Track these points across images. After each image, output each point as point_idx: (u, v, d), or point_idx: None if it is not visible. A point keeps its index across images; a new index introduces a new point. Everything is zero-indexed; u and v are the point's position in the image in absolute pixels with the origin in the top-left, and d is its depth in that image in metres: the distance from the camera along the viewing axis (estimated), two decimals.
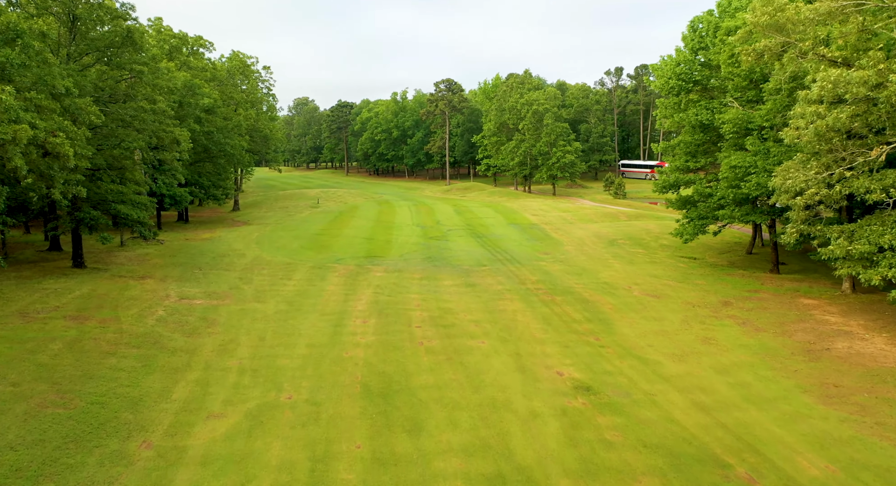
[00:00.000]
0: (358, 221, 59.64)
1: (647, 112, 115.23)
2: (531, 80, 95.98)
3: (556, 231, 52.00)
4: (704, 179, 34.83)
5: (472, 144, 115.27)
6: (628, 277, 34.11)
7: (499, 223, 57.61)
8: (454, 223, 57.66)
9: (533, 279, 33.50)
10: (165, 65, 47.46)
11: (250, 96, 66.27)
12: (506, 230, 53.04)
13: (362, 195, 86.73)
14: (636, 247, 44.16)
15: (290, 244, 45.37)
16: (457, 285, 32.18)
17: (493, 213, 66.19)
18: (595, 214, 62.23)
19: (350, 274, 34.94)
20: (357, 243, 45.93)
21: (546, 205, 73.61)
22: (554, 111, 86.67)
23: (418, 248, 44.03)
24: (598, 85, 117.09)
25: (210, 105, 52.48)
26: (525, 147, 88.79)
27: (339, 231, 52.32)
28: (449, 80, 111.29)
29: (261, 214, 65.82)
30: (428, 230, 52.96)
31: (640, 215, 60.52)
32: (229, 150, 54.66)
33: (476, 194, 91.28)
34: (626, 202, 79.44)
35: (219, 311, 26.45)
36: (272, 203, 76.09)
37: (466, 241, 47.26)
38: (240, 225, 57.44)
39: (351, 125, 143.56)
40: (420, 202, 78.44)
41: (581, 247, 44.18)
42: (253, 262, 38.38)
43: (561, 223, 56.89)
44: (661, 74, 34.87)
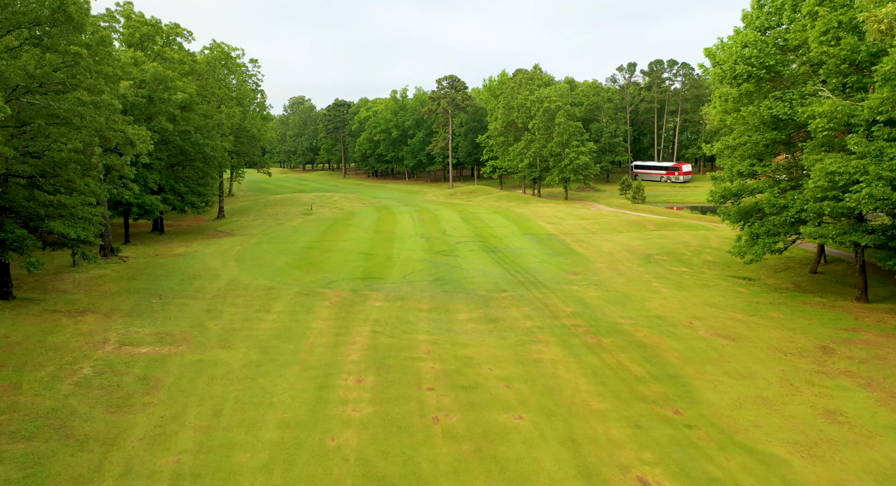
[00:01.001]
0: (354, 231, 53.35)
1: (662, 110, 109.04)
2: (541, 75, 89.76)
3: (580, 244, 45.72)
4: (776, 186, 28.46)
5: (476, 145, 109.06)
6: (683, 307, 27.84)
7: (512, 234, 51.33)
8: (462, 234, 51.39)
9: (567, 311, 27.23)
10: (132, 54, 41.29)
11: (235, 92, 59.98)
12: (522, 243, 46.77)
13: (360, 200, 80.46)
14: (678, 264, 37.90)
15: (274, 261, 39.08)
16: (474, 320, 25.91)
17: (503, 221, 59.91)
18: (618, 222, 55.96)
19: (343, 303, 28.66)
20: (353, 260, 39.64)
21: (561, 211, 67.34)
22: (567, 109, 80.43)
23: (424, 266, 37.74)
24: (610, 82, 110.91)
25: (185, 101, 46.21)
26: (535, 148, 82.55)
27: (333, 244, 46.02)
28: (452, 76, 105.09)
29: (247, 223, 59.50)
30: (434, 243, 46.67)
31: (668, 224, 54.27)
32: (209, 151, 48.38)
33: (482, 199, 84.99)
34: (647, 208, 73.24)
35: (168, 364, 20.15)
36: (261, 210, 69.75)
37: (479, 256, 40.98)
38: (222, 236, 51.13)
39: (348, 125, 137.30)
40: (422, 208, 72.16)
41: (614, 265, 37.90)
42: (228, 286, 32.08)
43: (583, 234, 50.61)
44: (721, 60, 28.60)
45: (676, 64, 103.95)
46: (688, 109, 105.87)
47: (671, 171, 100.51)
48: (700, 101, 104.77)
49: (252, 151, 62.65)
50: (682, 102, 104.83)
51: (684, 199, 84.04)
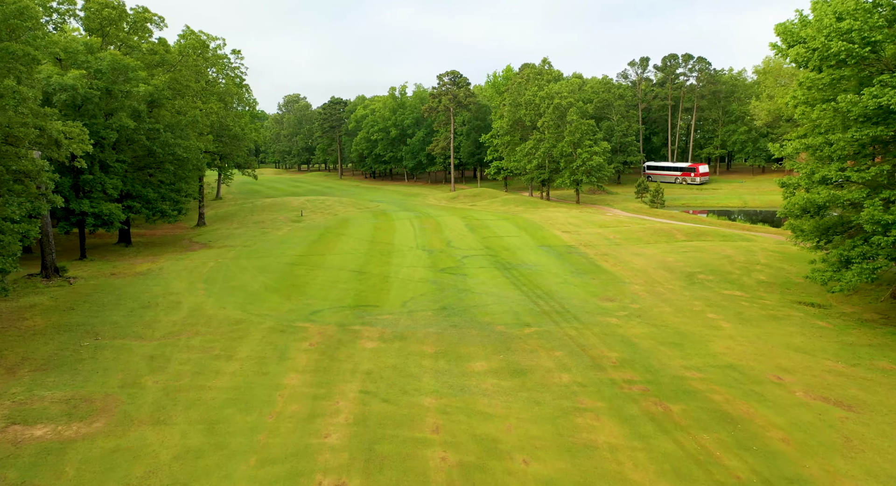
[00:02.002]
0: (347, 242, 47.33)
1: (677, 107, 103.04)
2: (550, 70, 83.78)
3: (605, 258, 39.74)
4: (876, 198, 22.38)
5: (479, 145, 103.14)
6: (759, 351, 21.86)
7: (526, 246, 45.33)
8: (469, 245, 45.39)
9: (612, 357, 21.26)
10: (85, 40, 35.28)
11: (215, 87, 53.94)
12: (538, 257, 40.78)
13: (356, 204, 74.43)
14: (728, 286, 31.91)
15: (251, 283, 33.07)
16: (495, 372, 19.95)
17: (513, 229, 53.91)
18: (642, 230, 49.97)
19: (327, 345, 22.67)
20: (343, 281, 33.62)
21: (575, 217, 61.36)
22: (579, 106, 74.44)
23: (427, 289, 31.73)
24: (621, 78, 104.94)
25: (153, 95, 40.19)
26: (545, 148, 76.54)
27: (322, 259, 40.01)
28: (454, 72, 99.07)
29: (228, 232, 53.47)
30: (437, 257, 40.67)
31: (699, 233, 48.28)
32: (180, 152, 42.33)
33: (487, 203, 78.99)
34: (667, 213, 67.29)
35: (65, 460, 14.17)
36: (246, 216, 63.71)
37: (491, 276, 34.98)
38: (196, 248, 45.10)
39: (345, 124, 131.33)
40: (423, 213, 66.15)
41: (652, 287, 31.92)
42: (187, 319, 26.09)
43: (605, 246, 44.62)
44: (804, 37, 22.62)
45: (692, 58, 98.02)
46: (703, 107, 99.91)
47: (687, 172, 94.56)
48: (716, 97, 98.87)
49: (236, 151, 56.70)
50: (697, 98, 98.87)
51: (704, 202, 78.12)
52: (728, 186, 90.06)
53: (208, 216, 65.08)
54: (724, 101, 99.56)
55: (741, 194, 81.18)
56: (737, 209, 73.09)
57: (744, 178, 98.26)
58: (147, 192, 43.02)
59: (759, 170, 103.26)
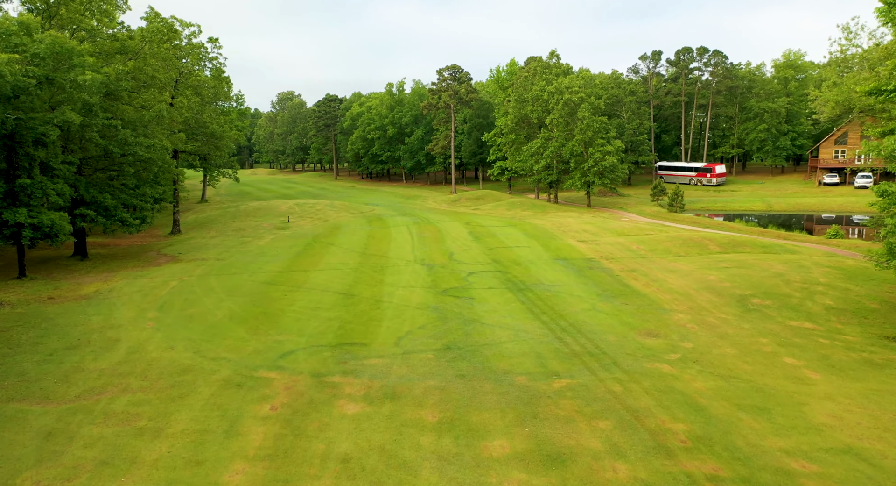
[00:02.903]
0: (336, 253, 41.65)
1: (690, 104, 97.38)
2: (559, 63, 78.11)
3: (634, 276, 34.08)
4: None
5: (481, 144, 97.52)
6: (876, 420, 16.22)
7: (539, 259, 39.67)
8: (474, 258, 39.73)
9: (679, 433, 15.60)
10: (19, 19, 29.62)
11: (189, 79, 48.18)
12: (555, 273, 35.13)
13: (349, 208, 68.72)
14: (792, 314, 26.26)
15: (214, 310, 27.38)
16: (521, 460, 14.31)
17: (523, 238, 48.25)
18: (669, 240, 44.31)
19: (293, 411, 17.02)
20: (326, 307, 27.94)
21: (589, 223, 55.72)
22: (591, 101, 68.76)
23: (427, 319, 26.06)
24: (631, 73, 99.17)
25: (106, 86, 34.48)
26: (553, 147, 70.88)
27: (304, 277, 34.32)
28: (454, 66, 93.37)
29: (203, 242, 47.74)
30: (438, 274, 35.00)
31: (735, 243, 42.63)
32: (142, 152, 36.62)
33: (491, 206, 73.31)
34: (688, 217, 61.68)
35: None
36: (228, 222, 57.99)
37: (502, 298, 29.32)
38: (163, 262, 39.40)
39: (340, 122, 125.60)
40: (422, 219, 60.47)
41: (699, 315, 26.26)
42: (119, 366, 20.43)
43: (631, 259, 38.98)
44: None
45: (707, 52, 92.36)
46: (719, 103, 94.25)
47: (703, 172, 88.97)
48: (733, 93, 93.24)
49: (213, 151, 50.99)
50: (713, 94, 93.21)
51: (725, 205, 72.49)
52: (747, 188, 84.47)
53: (186, 222, 59.37)
54: (741, 97, 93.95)
55: (763, 197, 75.59)
56: (761, 214, 67.48)
57: (762, 178, 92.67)
58: (104, 198, 37.30)
59: (778, 170, 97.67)
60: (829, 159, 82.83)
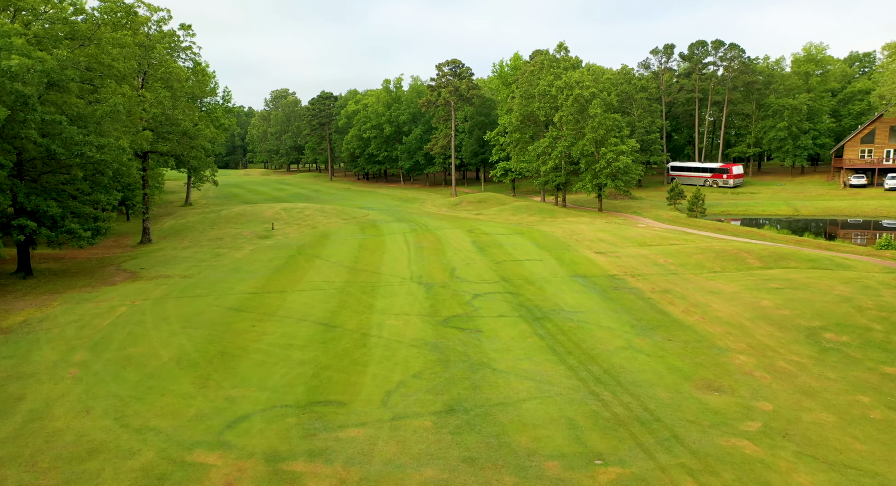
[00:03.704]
0: (321, 269, 36.38)
1: (704, 101, 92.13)
2: (567, 57, 72.82)
3: (668, 298, 28.82)
4: None
5: (483, 143, 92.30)
6: None
7: (554, 275, 34.40)
8: (480, 275, 34.47)
9: None
10: None
11: (159, 71, 42.82)
12: (576, 295, 29.86)
13: (342, 213, 63.42)
14: (886, 357, 20.96)
15: (158, 351, 22.08)
16: None
17: (533, 248, 43.00)
18: (698, 252, 39.04)
19: None
20: (300, 346, 22.66)
21: (604, 230, 50.46)
22: (603, 97, 63.49)
23: (424, 362, 20.78)
24: (642, 68, 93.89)
25: (42, 73, 29.18)
26: (562, 146, 65.62)
27: (280, 300, 29.03)
28: (455, 61, 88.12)
29: (174, 253, 42.41)
30: (438, 296, 29.70)
31: (775, 256, 37.37)
32: (92, 153, 31.31)
33: (495, 211, 68.03)
34: (711, 224, 56.44)
35: None
36: (206, 230, 52.67)
37: (517, 331, 24.05)
38: (118, 281, 34.09)
39: (335, 120, 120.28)
40: (421, 226, 55.21)
41: (768, 359, 20.97)
42: (3, 444, 15.13)
43: (660, 275, 33.72)
44: None
45: (723, 45, 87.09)
46: (736, 100, 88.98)
47: (718, 173, 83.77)
48: (750, 89, 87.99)
49: (187, 152, 45.69)
50: (729, 91, 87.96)
51: (747, 210, 67.24)
52: (767, 190, 79.24)
53: (161, 230, 54.06)
54: (758, 93, 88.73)
55: (787, 200, 70.35)
56: (788, 218, 62.26)
57: (781, 179, 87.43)
58: (49, 206, 31.98)
59: (798, 171, 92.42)
60: (854, 159, 77.60)
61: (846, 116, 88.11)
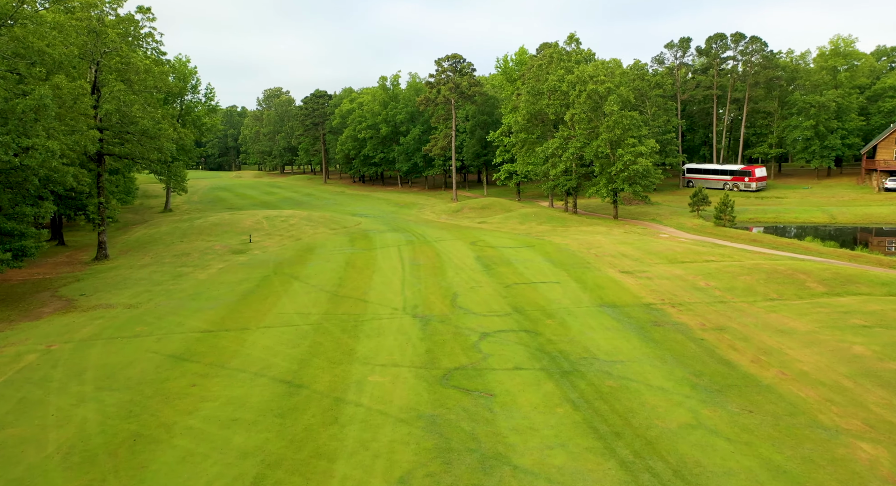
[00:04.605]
0: (296, 295, 30.32)
1: (723, 98, 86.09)
2: (579, 50, 66.80)
3: (727, 340, 22.76)
4: None
5: (486, 144, 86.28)
6: None
7: (577, 303, 28.34)
8: (488, 303, 28.41)
9: None
10: None
11: (112, 61, 36.76)
12: (608, 335, 23.80)
13: (331, 222, 57.39)
14: None
15: (45, 437, 16.02)
16: None
17: (547, 266, 36.94)
18: (746, 272, 32.97)
19: None
20: (246, 422, 16.59)
21: (624, 242, 44.43)
22: (620, 93, 57.47)
23: (416, 459, 14.73)
24: (656, 64, 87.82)
25: None
26: (574, 147, 59.59)
27: (236, 343, 22.96)
28: (455, 55, 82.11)
29: (128, 274, 36.34)
30: (437, 338, 23.63)
31: (840, 278, 31.31)
32: (7, 158, 25.26)
33: (501, 219, 61.96)
34: (744, 234, 50.39)
35: None
36: (174, 243, 46.58)
37: (542, 398, 17.98)
38: (47, 313, 28.03)
39: (329, 120, 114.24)
40: (418, 237, 49.17)
41: None
42: None
43: (706, 304, 27.67)
44: None
45: (743, 38, 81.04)
46: (757, 97, 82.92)
47: (739, 176, 77.70)
48: (773, 85, 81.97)
49: (147, 153, 39.60)
50: (750, 87, 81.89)
51: (778, 216, 61.18)
52: (794, 194, 73.19)
53: (125, 242, 48.01)
54: (781, 90, 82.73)
55: (820, 205, 64.28)
56: (825, 227, 56.23)
57: (807, 182, 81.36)
58: None
59: (824, 173, 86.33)
60: (890, 161, 71.51)
61: (875, 114, 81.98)
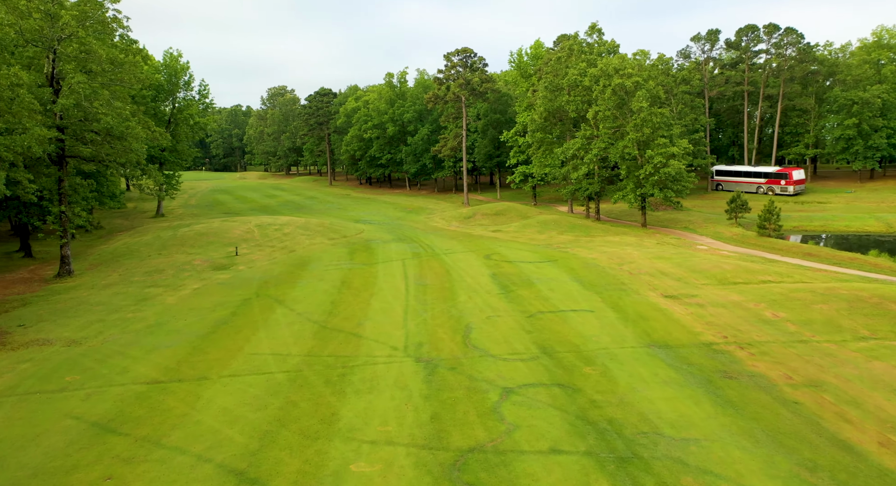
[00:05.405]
0: (276, 328, 25.00)
1: (754, 95, 79.99)
2: (602, 41, 61.11)
3: (829, 404, 17.24)
4: None
5: (499, 144, 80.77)
6: None
7: (619, 342, 22.83)
8: (508, 341, 22.96)
9: None
10: None
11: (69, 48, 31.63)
12: (667, 392, 18.31)
13: (330, 230, 52.13)
14: None
15: None
16: None
17: (576, 287, 31.37)
18: (822, 299, 27.27)
19: None
20: None
21: (660, 256, 38.78)
22: (649, 87, 51.78)
23: None
24: (681, 58, 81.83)
25: None
26: (598, 148, 53.97)
27: (188, 404, 17.68)
28: (466, 50, 76.63)
29: (86, 296, 31.21)
30: (446, 395, 18.21)
31: None
32: None
33: (517, 226, 56.41)
34: (796, 246, 44.57)
35: None
36: (150, 256, 41.43)
37: None
38: None
39: (333, 119, 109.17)
40: (426, 249, 43.75)
41: None
42: None
43: (783, 345, 22.08)
44: None
45: (778, 30, 74.95)
46: (792, 94, 76.76)
47: (775, 178, 71.63)
48: (809, 81, 75.82)
49: (117, 156, 34.41)
50: (784, 83, 75.77)
51: (826, 224, 55.18)
52: (836, 199, 67.04)
53: (99, 254, 43.00)
54: (819, 85, 76.55)
55: (870, 211, 58.20)
56: (881, 236, 50.22)
57: (849, 185, 75.09)
58: None
59: (866, 175, 79.94)
60: None
61: None
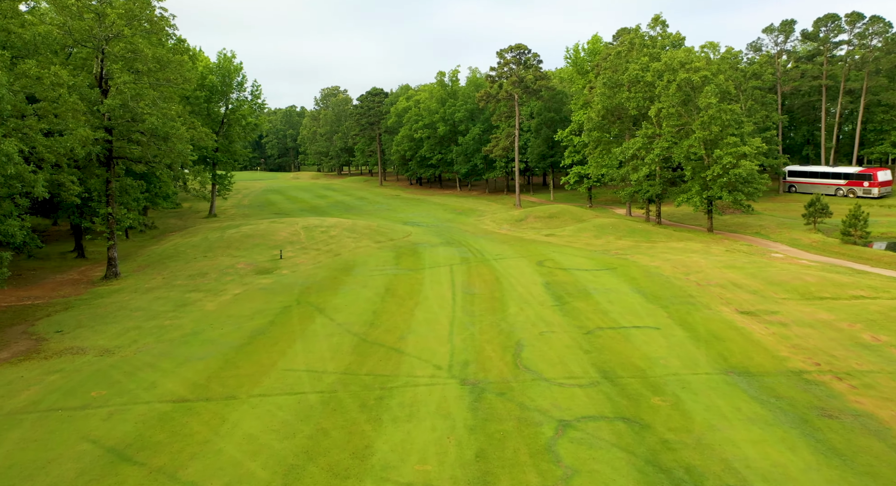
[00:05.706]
0: (314, 338, 23.47)
1: (833, 90, 74.02)
2: (665, 33, 57.46)
3: None
4: None
5: (553, 144, 77.83)
6: None
7: (692, 367, 20.11)
8: (564, 364, 20.61)
9: None
10: None
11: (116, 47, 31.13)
12: (754, 434, 15.63)
13: (377, 233, 50.76)
14: None
15: None
16: None
17: (638, 300, 28.59)
18: None
19: None
20: None
21: (729, 265, 35.33)
22: (718, 82, 47.96)
23: None
24: (751, 51, 76.62)
25: None
26: (660, 147, 50.52)
27: (211, 428, 16.22)
28: (520, 46, 74.04)
29: (127, 300, 30.67)
30: (493, 428, 16.09)
31: None
32: None
33: (572, 230, 53.55)
34: (888, 255, 40.05)
35: None
36: (195, 258, 40.99)
37: None
38: (1, 360, 22.36)
39: (384, 119, 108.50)
40: (475, 254, 41.64)
41: None
42: None
43: (892, 375, 18.81)
44: None
45: (862, 18, 68.95)
46: (877, 88, 70.52)
47: (857, 180, 65.84)
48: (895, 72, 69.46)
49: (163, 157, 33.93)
50: (869, 76, 69.66)
51: None
52: None
53: (147, 256, 42.98)
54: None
55: None
56: None
57: None
58: None
59: None
60: None
61: None
